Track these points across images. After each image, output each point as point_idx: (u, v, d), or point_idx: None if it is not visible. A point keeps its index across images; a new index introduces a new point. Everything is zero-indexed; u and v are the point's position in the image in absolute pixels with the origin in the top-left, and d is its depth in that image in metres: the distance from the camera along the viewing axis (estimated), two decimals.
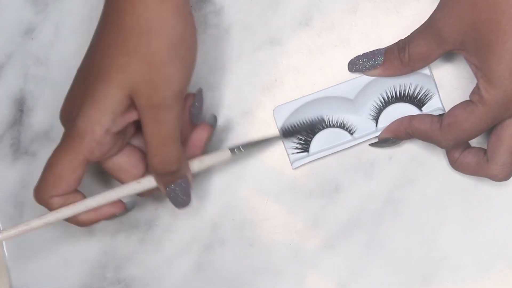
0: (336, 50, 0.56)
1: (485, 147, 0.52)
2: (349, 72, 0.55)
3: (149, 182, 0.51)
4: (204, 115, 0.55)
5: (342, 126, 0.55)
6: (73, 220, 0.51)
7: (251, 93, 0.56)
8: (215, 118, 0.55)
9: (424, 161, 0.55)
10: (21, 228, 0.50)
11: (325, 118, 0.55)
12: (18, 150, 0.57)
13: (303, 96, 0.55)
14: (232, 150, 0.53)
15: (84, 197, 0.51)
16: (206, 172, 0.56)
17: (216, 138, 0.56)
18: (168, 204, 0.56)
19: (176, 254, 0.56)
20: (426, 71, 0.54)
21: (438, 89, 0.54)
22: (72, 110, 0.49)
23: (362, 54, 0.54)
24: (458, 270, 0.55)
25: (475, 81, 0.49)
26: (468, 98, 0.50)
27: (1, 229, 0.57)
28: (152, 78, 0.47)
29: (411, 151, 0.55)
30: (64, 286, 0.57)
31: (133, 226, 0.56)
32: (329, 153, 0.55)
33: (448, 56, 0.53)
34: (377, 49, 0.54)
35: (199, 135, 0.53)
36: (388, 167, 0.55)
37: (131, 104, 0.48)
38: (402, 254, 0.55)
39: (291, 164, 0.55)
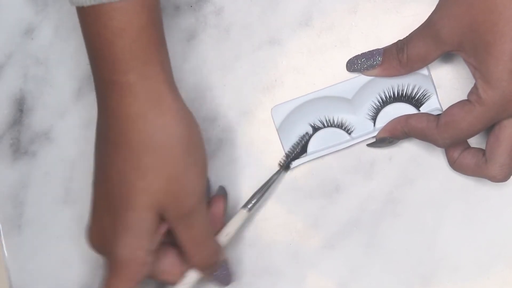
0: (336, 50, 0.56)
1: (483, 147, 0.52)
2: (347, 71, 0.55)
3: (193, 277, 0.52)
4: (211, 189, 0.55)
5: (340, 126, 0.55)
6: None
7: (251, 93, 0.56)
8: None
9: (424, 161, 0.55)
10: None
11: (323, 118, 0.55)
12: (18, 150, 0.57)
13: (301, 96, 0.55)
14: (246, 206, 0.54)
15: None
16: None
17: (216, 137, 0.56)
18: None
19: None
20: (424, 71, 0.54)
21: (437, 89, 0.54)
22: (103, 236, 0.49)
23: (361, 54, 0.54)
24: (457, 270, 0.55)
25: (474, 81, 0.49)
26: (466, 98, 0.50)
27: (0, 229, 0.57)
28: (175, 191, 0.47)
29: (411, 151, 0.55)
30: (63, 286, 0.57)
31: None
32: (327, 153, 0.55)
33: (447, 56, 0.53)
34: (375, 49, 0.54)
35: (216, 210, 0.53)
36: (388, 167, 0.55)
37: (162, 218, 0.48)
38: (402, 254, 0.55)
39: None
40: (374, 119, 0.55)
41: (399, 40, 0.53)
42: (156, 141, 0.47)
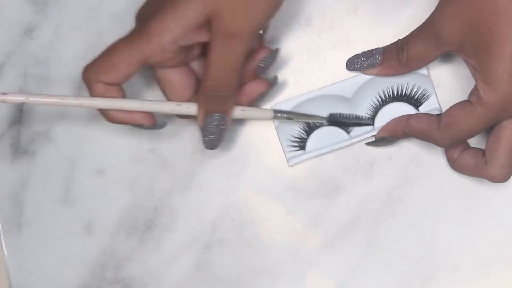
0: (335, 50, 0.56)
1: (483, 147, 0.52)
2: (347, 70, 0.55)
3: (188, 108, 0.51)
4: (268, 74, 0.55)
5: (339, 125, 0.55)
6: (103, 113, 0.51)
7: None
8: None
9: (424, 161, 0.55)
10: (53, 99, 0.50)
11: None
12: (18, 149, 0.57)
13: (301, 95, 0.55)
14: (276, 112, 0.54)
15: (125, 95, 0.51)
16: (206, 170, 0.56)
17: None
18: (168, 204, 0.56)
19: (176, 254, 0.56)
20: (423, 71, 0.54)
21: (437, 89, 0.54)
22: (150, 11, 0.49)
23: (361, 53, 0.54)
24: (457, 270, 0.55)
25: (474, 81, 0.49)
26: (467, 98, 0.50)
27: (0, 229, 0.57)
28: (236, 8, 0.47)
29: (411, 151, 0.55)
30: (63, 285, 0.57)
31: (133, 225, 0.56)
32: (326, 152, 0.55)
33: (447, 56, 0.53)
34: (375, 48, 0.54)
35: (255, 88, 0.53)
36: (388, 167, 0.55)
37: (207, 24, 0.48)
38: (402, 254, 0.55)
39: (287, 161, 0.55)
40: (373, 118, 0.55)
41: (399, 40, 0.53)
42: None
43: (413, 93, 0.54)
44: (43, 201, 0.57)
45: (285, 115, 0.54)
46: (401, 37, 0.53)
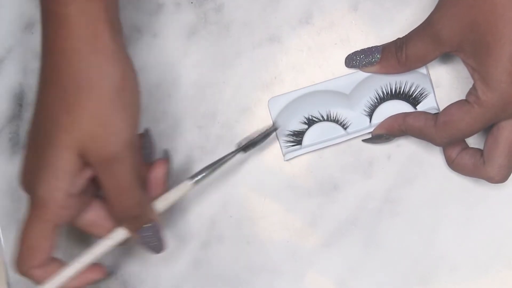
0: (335, 48, 0.56)
1: (481, 146, 0.52)
2: (346, 67, 0.55)
3: (120, 234, 0.50)
4: (155, 154, 0.54)
5: (336, 121, 0.55)
6: None
7: (250, 90, 0.56)
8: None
9: (423, 160, 0.55)
10: None
11: (319, 112, 0.55)
12: (17, 144, 0.57)
13: (299, 89, 0.55)
14: (193, 177, 0.52)
15: (61, 264, 0.50)
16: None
17: (215, 134, 0.56)
18: None
19: (173, 251, 0.56)
20: (423, 70, 0.54)
21: (436, 88, 0.54)
22: (30, 174, 0.48)
23: (360, 50, 0.54)
24: (455, 270, 0.55)
25: (473, 81, 0.49)
26: (465, 98, 0.50)
27: None
28: (98, 133, 0.46)
29: (410, 150, 0.55)
30: None
31: None
32: (322, 147, 0.55)
33: (447, 56, 0.53)
34: (374, 46, 0.54)
35: (157, 174, 0.52)
36: (387, 166, 0.55)
37: (85, 161, 0.47)
38: (400, 253, 0.55)
39: (283, 156, 0.55)
40: (370, 115, 0.55)
41: (399, 38, 0.53)
42: (87, 79, 0.45)
43: (411, 92, 0.54)
44: None
45: (201, 175, 0.52)
46: (401, 36, 0.53)
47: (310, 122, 0.55)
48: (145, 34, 0.57)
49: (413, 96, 0.54)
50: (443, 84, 0.55)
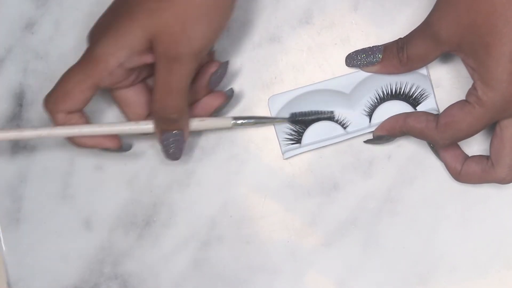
0: (336, 48, 0.56)
1: (476, 147, 0.52)
2: (346, 67, 0.55)
3: (147, 126, 0.52)
4: (223, 87, 0.55)
5: (335, 120, 0.55)
6: (70, 140, 0.52)
7: (250, 90, 0.56)
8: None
9: (423, 160, 0.55)
10: (12, 133, 0.51)
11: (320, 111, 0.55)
12: (17, 144, 0.57)
13: (299, 87, 0.55)
14: (235, 118, 0.54)
15: (87, 121, 0.52)
16: (205, 167, 0.56)
17: (215, 134, 0.56)
18: (166, 200, 0.56)
19: (174, 250, 0.56)
20: (423, 71, 0.54)
21: (437, 88, 0.54)
22: (98, 31, 0.50)
23: (361, 49, 0.54)
24: (455, 270, 0.55)
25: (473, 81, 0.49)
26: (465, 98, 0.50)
27: None
28: (175, 31, 0.48)
29: (410, 150, 0.55)
30: (61, 281, 0.57)
31: (131, 222, 0.56)
32: (321, 146, 0.55)
33: (448, 56, 0.53)
34: (375, 46, 0.54)
35: (211, 101, 0.54)
36: (387, 166, 0.55)
37: (150, 47, 0.49)
38: (400, 253, 0.55)
39: (283, 154, 0.55)
40: (370, 115, 0.55)
41: (400, 38, 0.53)
42: None
43: (411, 92, 0.54)
44: (42, 196, 0.57)
45: (245, 121, 0.54)
46: (401, 36, 0.53)
47: (309, 121, 0.55)
48: None
49: (413, 96, 0.54)
50: (443, 84, 0.55)
